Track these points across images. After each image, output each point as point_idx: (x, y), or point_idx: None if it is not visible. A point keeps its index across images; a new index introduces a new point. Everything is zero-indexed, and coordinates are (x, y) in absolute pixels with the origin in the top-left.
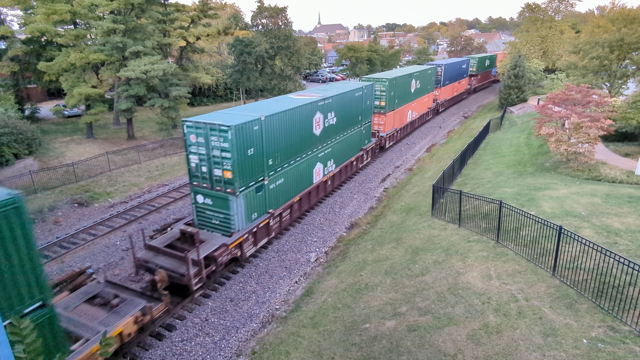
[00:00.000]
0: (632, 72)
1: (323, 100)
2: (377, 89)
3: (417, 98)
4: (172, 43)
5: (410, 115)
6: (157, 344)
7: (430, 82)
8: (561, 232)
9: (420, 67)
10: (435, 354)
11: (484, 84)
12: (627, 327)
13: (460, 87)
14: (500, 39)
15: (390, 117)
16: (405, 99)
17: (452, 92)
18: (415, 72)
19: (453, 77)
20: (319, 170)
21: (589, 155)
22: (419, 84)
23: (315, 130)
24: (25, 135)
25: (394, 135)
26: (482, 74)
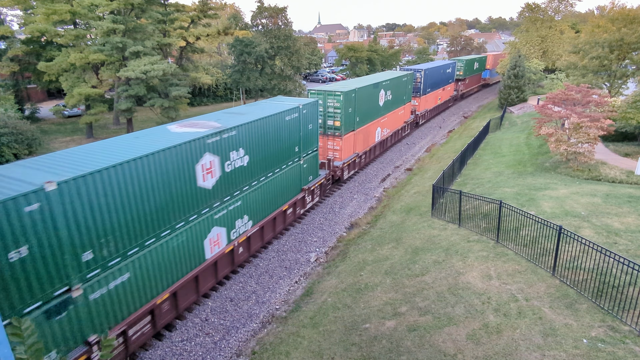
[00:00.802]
0: (632, 72)
1: (218, 133)
2: (329, 104)
3: (389, 112)
4: (172, 43)
5: (379, 134)
6: (157, 344)
7: (407, 91)
8: (561, 232)
9: (392, 74)
10: (435, 354)
11: (472, 89)
12: (627, 327)
13: (445, 94)
14: (500, 39)
15: (349, 140)
16: (371, 115)
17: (434, 100)
18: (385, 80)
19: (436, 84)
20: (217, 237)
21: (588, 155)
22: (390, 95)
23: (204, 181)
24: (25, 135)
25: (355, 163)
26: (470, 78)
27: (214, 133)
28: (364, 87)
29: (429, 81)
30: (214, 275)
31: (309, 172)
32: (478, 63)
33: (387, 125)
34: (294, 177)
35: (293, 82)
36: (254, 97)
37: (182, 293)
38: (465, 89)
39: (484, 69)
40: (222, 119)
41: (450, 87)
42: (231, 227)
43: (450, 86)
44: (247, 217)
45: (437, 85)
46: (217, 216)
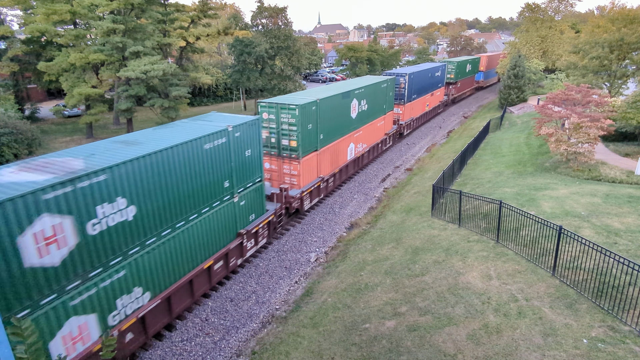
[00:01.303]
0: (632, 72)
1: (67, 182)
2: (283, 120)
3: (365, 124)
4: (172, 43)
5: (352, 151)
6: (157, 344)
7: (388, 99)
8: (561, 232)
9: (368, 80)
10: (435, 354)
11: (464, 92)
12: (627, 327)
13: (434, 100)
14: (500, 39)
15: (311, 162)
16: (341, 130)
17: (422, 107)
18: (358, 88)
19: (423, 89)
20: (79, 330)
21: (588, 155)
22: (365, 105)
23: (41, 257)
24: (25, 135)
25: (320, 189)
26: (462, 81)
27: (60, 182)
28: (329, 97)
29: (414, 86)
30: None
31: (249, 210)
32: (471, 65)
33: (362, 139)
34: (223, 220)
35: (293, 82)
36: (253, 97)
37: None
38: (457, 93)
39: (477, 71)
40: (95, 155)
41: (440, 91)
42: (107, 310)
43: (440, 91)
44: (139, 289)
45: (424, 91)
46: (75, 302)
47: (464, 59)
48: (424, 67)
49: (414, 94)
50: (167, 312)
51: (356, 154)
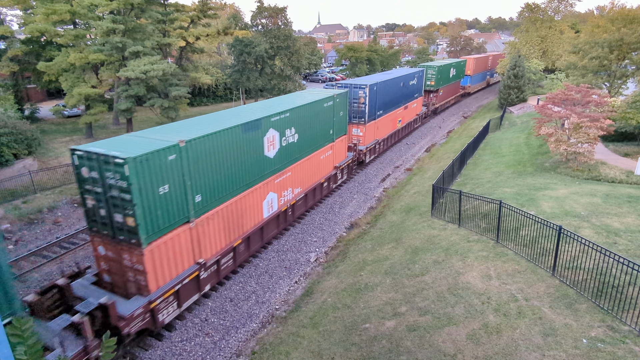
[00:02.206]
0: (631, 72)
1: (279, 114)
2: (110, 182)
3: (296, 162)
4: (171, 43)
5: (271, 205)
6: (157, 344)
7: (337, 121)
8: (561, 232)
9: (300, 99)
10: (435, 354)
11: (448, 101)
12: (627, 327)
13: (410, 114)
14: (500, 39)
15: (169, 248)
16: (245, 179)
17: (392, 124)
18: (279, 113)
19: (393, 101)
20: None
21: (588, 155)
22: (295, 136)
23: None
24: (24, 135)
25: (222, 267)
26: (446, 88)
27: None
28: (210, 135)
29: (380, 100)
30: None
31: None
32: (455, 69)
33: (292, 183)
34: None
35: (293, 82)
36: (253, 97)
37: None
38: (440, 102)
39: (463, 75)
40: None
41: (417, 102)
42: None
43: (417, 102)
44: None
45: (394, 104)
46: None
47: (447, 62)
48: (394, 74)
49: (379, 109)
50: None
51: (281, 205)
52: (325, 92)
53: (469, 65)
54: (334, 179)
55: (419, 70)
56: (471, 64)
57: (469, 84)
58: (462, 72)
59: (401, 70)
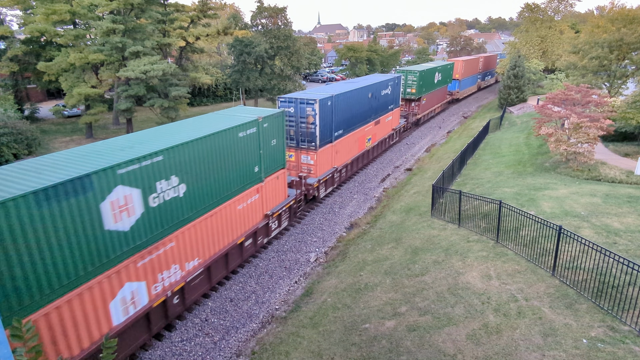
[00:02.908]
0: (631, 72)
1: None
2: None
3: (195, 219)
4: (171, 43)
5: (131, 303)
6: (156, 344)
7: (269, 153)
8: (561, 232)
9: (210, 126)
10: (435, 354)
11: (434, 109)
12: (627, 327)
13: (383, 129)
14: (500, 39)
15: None
16: (66, 278)
17: (358, 145)
18: (147, 155)
19: (357, 117)
20: None
21: (588, 155)
22: (180, 187)
23: None
24: (24, 135)
25: None
26: (430, 95)
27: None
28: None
29: (339, 117)
30: None
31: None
32: (441, 73)
33: (176, 258)
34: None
35: (293, 82)
36: (253, 97)
37: None
38: (422, 111)
39: (451, 80)
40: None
41: (394, 114)
42: None
43: (394, 114)
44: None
45: (361, 120)
46: None
47: (431, 66)
48: (360, 83)
49: (337, 129)
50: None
51: (157, 295)
52: (244, 116)
53: (457, 68)
54: (263, 231)
55: (394, 77)
56: (460, 67)
57: (457, 89)
58: (449, 76)
59: (370, 78)
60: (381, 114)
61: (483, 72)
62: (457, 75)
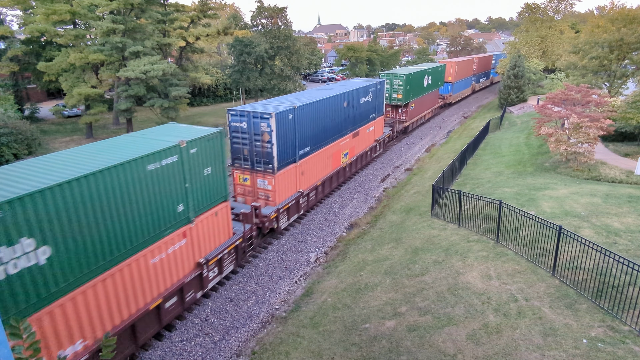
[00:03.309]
0: (631, 72)
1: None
2: None
3: (64, 296)
4: (171, 43)
5: None
6: (157, 344)
7: (198, 188)
8: (561, 232)
9: (96, 160)
10: (435, 354)
11: (423, 115)
12: (627, 327)
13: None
14: (500, 39)
15: None
16: None
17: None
18: None
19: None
20: None
21: (588, 155)
22: (41, 253)
23: None
24: (24, 135)
25: None
26: (419, 100)
27: None
28: None
29: (305, 131)
30: None
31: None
32: (431, 76)
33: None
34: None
35: (293, 82)
36: (253, 97)
37: None
38: (411, 118)
39: (442, 83)
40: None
41: (377, 124)
42: None
43: (376, 123)
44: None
45: (335, 133)
46: None
47: (419, 69)
48: (332, 91)
49: (303, 146)
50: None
51: None
52: (165, 140)
53: (450, 70)
54: (195, 283)
55: (376, 83)
56: (452, 69)
57: (450, 92)
58: (441, 79)
59: (349, 83)
60: (361, 124)
61: (478, 74)
62: (449, 78)
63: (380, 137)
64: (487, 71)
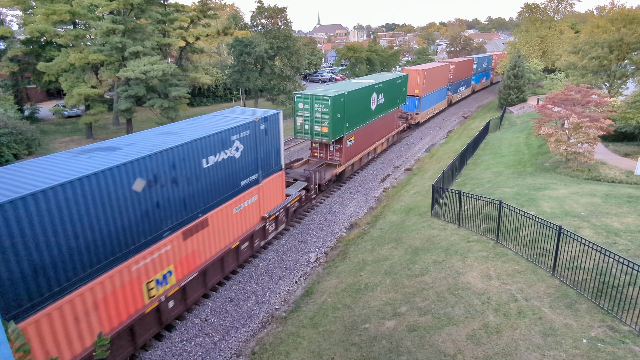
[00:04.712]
0: (631, 72)
1: None
2: None
3: None
4: (171, 43)
5: None
6: (157, 344)
7: None
8: (561, 232)
9: None
10: (435, 354)
11: (374, 148)
12: (627, 327)
13: (214, 244)
14: (500, 39)
15: None
16: None
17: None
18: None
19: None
20: None
21: (588, 155)
22: None
23: None
24: (24, 135)
25: None
26: (363, 130)
27: None
28: None
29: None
30: None
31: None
32: (384, 93)
33: None
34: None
35: (293, 82)
36: (253, 97)
37: None
38: (350, 157)
39: (404, 99)
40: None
41: (263, 192)
42: None
43: (262, 190)
44: None
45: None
46: None
47: (363, 84)
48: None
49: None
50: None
51: None
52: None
53: (416, 81)
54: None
55: (247, 124)
56: (419, 79)
57: (417, 109)
58: (402, 94)
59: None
60: (197, 215)
61: (456, 83)
62: (416, 91)
63: (268, 214)
64: (468, 78)
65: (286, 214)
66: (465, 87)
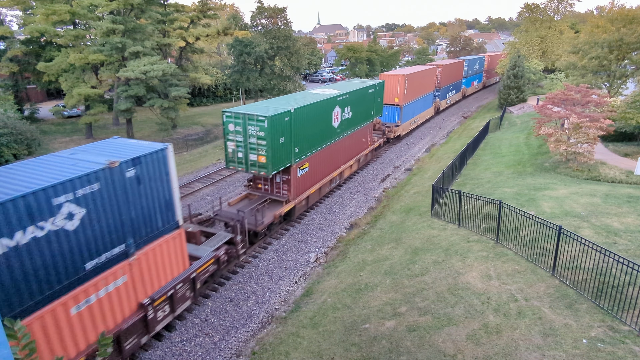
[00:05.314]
0: (631, 72)
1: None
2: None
3: None
4: (171, 43)
5: None
6: (156, 344)
7: None
8: (561, 232)
9: None
10: (435, 354)
11: (341, 172)
12: (627, 327)
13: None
14: (500, 39)
15: None
16: None
17: None
18: None
19: None
20: None
21: (588, 155)
22: None
23: None
24: (24, 135)
25: None
26: (323, 153)
27: None
28: None
29: None
30: None
31: None
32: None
33: None
34: None
35: (293, 82)
36: (253, 97)
37: None
38: (303, 190)
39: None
40: None
41: (135, 269)
42: None
43: (131, 268)
44: None
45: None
46: None
47: (320, 97)
48: None
49: None
50: None
51: None
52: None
53: (395, 88)
54: None
55: (77, 178)
56: (399, 85)
57: (398, 120)
58: (377, 104)
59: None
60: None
61: (444, 88)
62: (396, 100)
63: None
64: (458, 81)
65: (192, 286)
66: (455, 91)
